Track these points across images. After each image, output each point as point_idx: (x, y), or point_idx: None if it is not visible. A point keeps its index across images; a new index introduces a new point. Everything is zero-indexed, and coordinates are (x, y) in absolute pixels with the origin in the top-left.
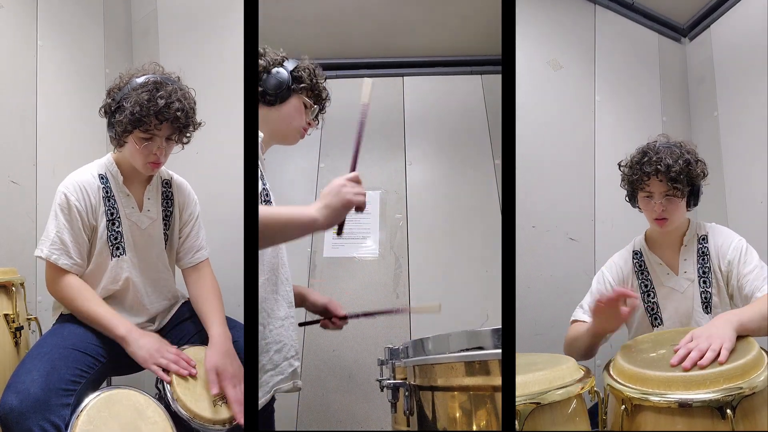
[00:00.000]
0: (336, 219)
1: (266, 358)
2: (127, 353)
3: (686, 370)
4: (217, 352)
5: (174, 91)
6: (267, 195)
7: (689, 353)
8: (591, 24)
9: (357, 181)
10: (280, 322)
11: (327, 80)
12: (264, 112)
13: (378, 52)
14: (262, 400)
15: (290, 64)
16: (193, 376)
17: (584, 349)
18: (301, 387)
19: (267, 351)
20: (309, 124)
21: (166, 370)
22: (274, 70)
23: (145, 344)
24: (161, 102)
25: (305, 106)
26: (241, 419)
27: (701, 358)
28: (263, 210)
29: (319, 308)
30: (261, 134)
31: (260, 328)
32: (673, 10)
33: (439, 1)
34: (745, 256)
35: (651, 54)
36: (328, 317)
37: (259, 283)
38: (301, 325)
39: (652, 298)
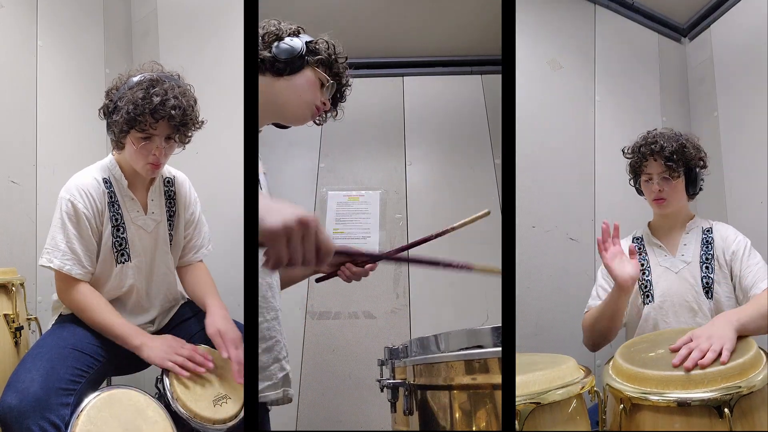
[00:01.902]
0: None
1: None
2: (128, 353)
3: (688, 370)
4: (217, 318)
5: (171, 88)
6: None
7: (690, 353)
8: (591, 24)
9: (321, 245)
10: (273, 313)
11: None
12: (270, 82)
13: (378, 52)
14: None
15: (306, 37)
16: (211, 371)
17: (607, 324)
18: (292, 398)
19: None
20: (324, 104)
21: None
22: (288, 38)
23: (158, 345)
24: (156, 99)
25: (321, 83)
26: (240, 380)
27: (702, 357)
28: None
29: (335, 259)
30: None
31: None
32: (673, 10)
33: (439, 1)
34: (750, 251)
35: (651, 54)
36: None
37: None
38: (318, 281)
39: (647, 277)
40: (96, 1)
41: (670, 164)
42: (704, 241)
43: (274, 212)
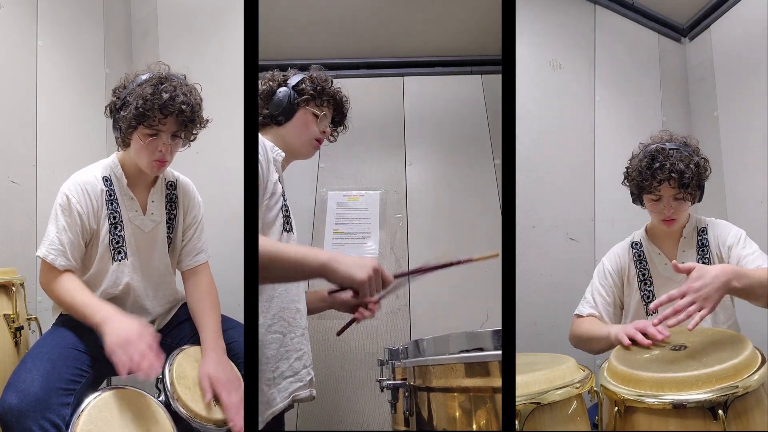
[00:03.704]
0: (340, 278)
1: (286, 365)
2: None
3: (654, 326)
4: (210, 360)
5: (179, 85)
6: (287, 212)
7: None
8: (591, 24)
9: (386, 281)
10: (301, 331)
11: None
12: (276, 131)
13: (378, 52)
14: (280, 406)
15: (293, 80)
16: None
17: (600, 350)
18: (315, 396)
19: (287, 359)
20: (323, 132)
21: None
22: (278, 90)
23: (115, 331)
24: (165, 96)
25: (316, 116)
26: (232, 425)
27: (674, 316)
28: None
29: (348, 303)
30: (283, 153)
31: (279, 336)
32: (673, 10)
33: (439, 1)
34: (745, 242)
35: (651, 54)
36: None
37: (278, 293)
38: (339, 333)
39: (649, 287)
40: (96, 1)
41: (688, 191)
42: (699, 244)
43: (359, 267)
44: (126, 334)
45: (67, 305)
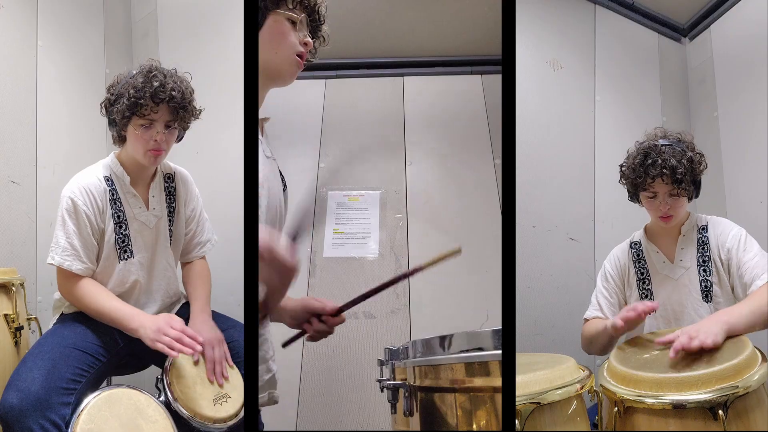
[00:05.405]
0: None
1: None
2: (128, 353)
3: (676, 351)
4: (196, 321)
5: (169, 74)
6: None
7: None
8: (591, 24)
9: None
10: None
11: (327, 80)
12: None
13: (378, 52)
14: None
15: None
16: (201, 353)
17: (605, 346)
18: (277, 400)
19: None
20: (305, 45)
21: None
22: None
23: (149, 326)
24: (156, 83)
25: (292, 23)
26: (211, 377)
27: (689, 343)
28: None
29: (298, 314)
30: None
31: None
32: (673, 10)
33: (439, 1)
34: (745, 244)
35: (651, 54)
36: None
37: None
38: (284, 345)
39: (647, 286)
40: (96, 2)
41: (682, 186)
42: (700, 241)
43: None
44: (156, 326)
45: (94, 311)
